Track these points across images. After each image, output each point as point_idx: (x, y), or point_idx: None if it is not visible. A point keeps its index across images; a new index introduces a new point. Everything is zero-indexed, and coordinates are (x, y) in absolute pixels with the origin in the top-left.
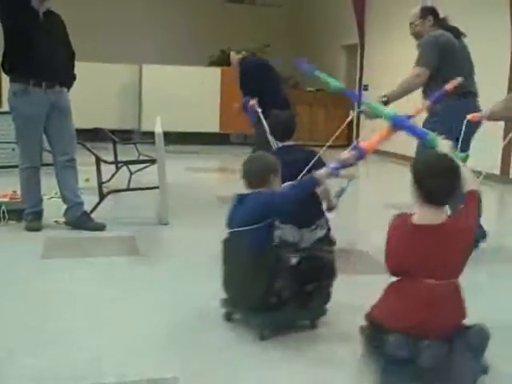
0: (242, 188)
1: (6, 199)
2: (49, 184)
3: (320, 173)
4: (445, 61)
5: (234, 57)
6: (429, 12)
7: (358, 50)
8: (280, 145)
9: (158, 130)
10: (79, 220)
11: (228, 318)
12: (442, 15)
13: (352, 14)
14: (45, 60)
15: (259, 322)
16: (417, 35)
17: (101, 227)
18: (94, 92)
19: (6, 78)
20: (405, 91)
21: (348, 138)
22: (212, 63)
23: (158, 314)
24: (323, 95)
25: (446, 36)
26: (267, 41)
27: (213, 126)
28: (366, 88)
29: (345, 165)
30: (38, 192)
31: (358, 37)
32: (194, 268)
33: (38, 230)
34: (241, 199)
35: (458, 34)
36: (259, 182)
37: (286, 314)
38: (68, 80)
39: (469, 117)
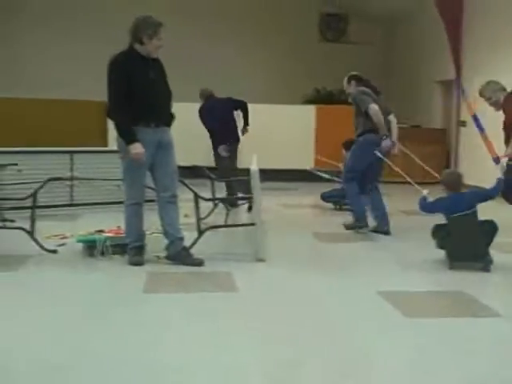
0: (337, 224)
1: (110, 234)
2: (150, 219)
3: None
4: None
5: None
6: None
7: (453, 86)
8: None
9: (254, 167)
10: (179, 255)
11: None
12: None
13: (447, 50)
14: (152, 103)
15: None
16: None
17: (199, 263)
18: (192, 130)
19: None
20: None
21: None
22: (306, 102)
23: (266, 346)
24: (417, 132)
25: None
26: None
27: (307, 163)
28: (463, 124)
29: None
30: (140, 227)
31: (455, 72)
32: (290, 307)
33: (140, 264)
34: (458, 196)
35: None
36: (460, 186)
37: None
38: (169, 119)
39: None
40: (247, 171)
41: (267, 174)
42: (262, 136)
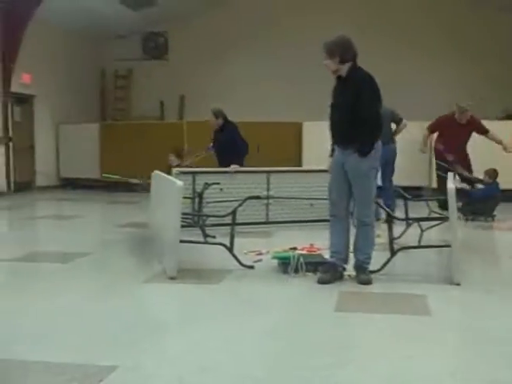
0: None
1: (303, 251)
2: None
3: None
4: None
5: None
6: None
7: None
8: None
9: (450, 185)
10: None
11: None
12: None
13: None
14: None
15: None
16: None
17: (367, 281)
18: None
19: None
20: None
21: None
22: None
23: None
24: None
25: None
26: None
27: None
28: None
29: None
30: (336, 242)
31: None
32: (486, 337)
33: (325, 282)
34: None
35: None
36: None
37: None
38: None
39: None
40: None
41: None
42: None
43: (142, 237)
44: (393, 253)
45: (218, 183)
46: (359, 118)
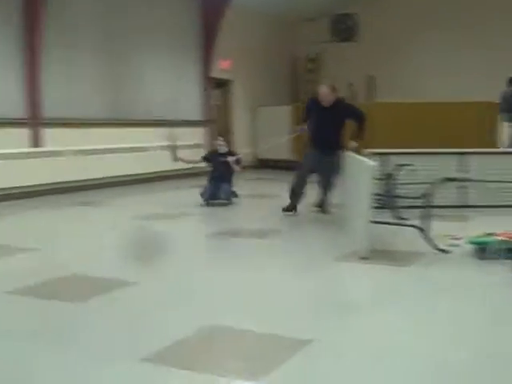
0: None
1: (503, 238)
2: None
3: None
4: None
5: None
6: None
7: None
8: None
9: None
10: None
11: None
12: None
13: None
14: None
15: None
16: None
17: None
18: None
19: None
20: None
21: None
22: None
23: None
24: None
25: None
26: None
27: None
28: None
29: None
30: None
31: None
32: None
33: None
34: None
35: None
36: None
37: None
38: None
39: None
40: None
41: None
42: None
43: (333, 216)
44: None
45: (410, 164)
46: None
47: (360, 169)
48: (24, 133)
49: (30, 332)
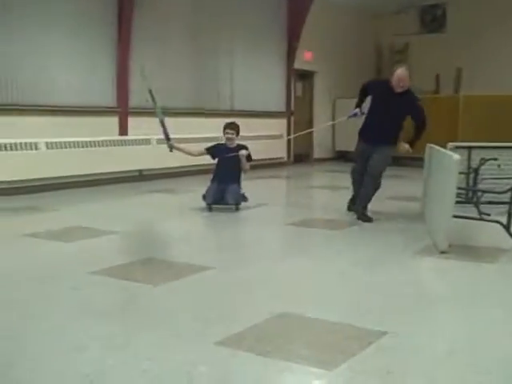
0: None
1: None
2: None
3: None
4: None
5: None
6: None
7: None
8: None
9: None
10: None
11: None
12: None
13: None
14: None
15: None
16: None
17: None
18: None
19: None
20: None
21: None
22: None
23: None
24: None
25: None
26: None
27: None
28: None
29: None
30: None
31: None
32: None
33: None
34: None
35: None
36: None
37: None
38: None
39: None
40: None
41: None
42: None
43: (412, 209)
44: None
45: (495, 159)
46: None
47: (443, 162)
48: (113, 121)
49: (119, 311)
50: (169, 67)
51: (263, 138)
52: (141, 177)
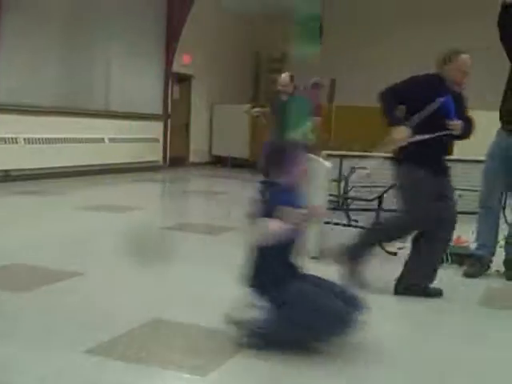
0: None
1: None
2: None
3: None
4: None
5: None
6: None
7: None
8: None
9: None
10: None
11: None
12: None
13: None
14: None
15: None
16: None
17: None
18: None
19: None
20: None
21: None
22: None
23: None
24: None
25: None
26: None
27: None
28: None
29: None
30: (485, 235)
31: None
32: None
33: (470, 276)
34: None
35: None
36: None
37: None
38: None
39: None
40: None
41: None
42: None
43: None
44: None
45: (364, 168)
46: None
47: (315, 169)
48: None
49: None
50: (37, 62)
51: (138, 140)
52: (7, 177)
